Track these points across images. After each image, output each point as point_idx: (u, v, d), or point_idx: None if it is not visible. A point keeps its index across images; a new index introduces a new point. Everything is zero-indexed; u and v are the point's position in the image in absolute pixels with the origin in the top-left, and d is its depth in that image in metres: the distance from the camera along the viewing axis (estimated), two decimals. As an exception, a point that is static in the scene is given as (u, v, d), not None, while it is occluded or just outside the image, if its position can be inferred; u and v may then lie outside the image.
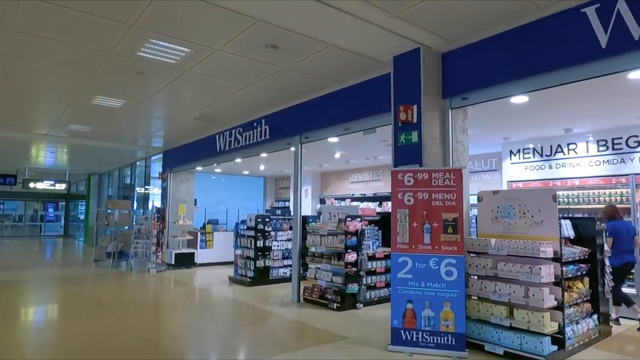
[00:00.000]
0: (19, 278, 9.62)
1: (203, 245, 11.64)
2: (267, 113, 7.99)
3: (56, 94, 6.98)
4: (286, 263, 9.27)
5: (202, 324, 5.83)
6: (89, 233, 19.14)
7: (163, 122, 9.25)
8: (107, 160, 15.69)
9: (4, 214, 27.94)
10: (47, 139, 10.88)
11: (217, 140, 9.68)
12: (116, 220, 11.28)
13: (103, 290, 8.42)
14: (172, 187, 12.23)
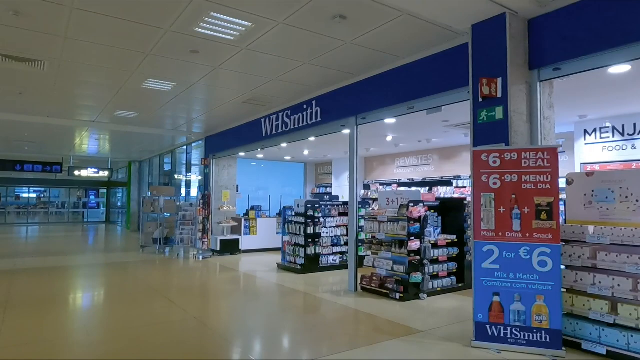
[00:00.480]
0: (70, 263, 9.78)
1: (247, 232, 11.53)
2: (319, 94, 7.63)
3: (108, 78, 6.85)
4: (335, 250, 9.01)
5: (264, 314, 5.62)
6: (131, 219, 19.54)
7: (208, 107, 9.06)
8: (148, 147, 15.81)
9: (49, 201, 28.99)
10: (93, 126, 10.93)
11: (262, 125, 9.42)
12: (161, 207, 11.29)
13: (154, 275, 8.40)
14: (215, 173, 12.13)
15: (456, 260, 6.87)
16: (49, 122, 10.30)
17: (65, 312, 5.63)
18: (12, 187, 27.60)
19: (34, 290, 6.86)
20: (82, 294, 6.90)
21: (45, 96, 8.11)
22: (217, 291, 7.06)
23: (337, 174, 13.35)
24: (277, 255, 10.90)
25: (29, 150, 16.30)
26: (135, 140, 14.00)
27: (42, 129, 11.54)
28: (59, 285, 7.54)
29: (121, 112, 9.44)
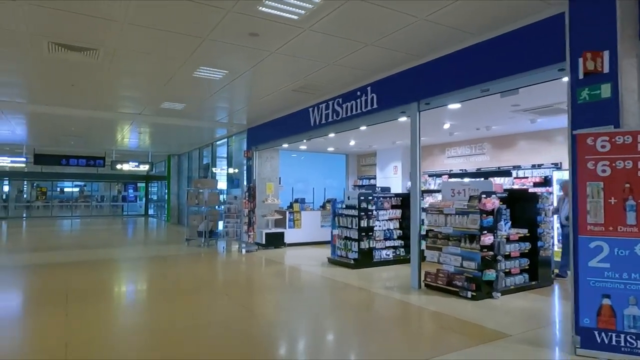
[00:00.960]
0: (120, 256, 9.81)
1: (291, 225, 11.29)
2: (375, 79, 7.20)
3: (160, 67, 6.66)
4: (388, 244, 8.61)
5: (329, 311, 5.31)
6: (171, 212, 19.75)
7: (254, 97, 8.79)
8: (187, 140, 15.80)
9: (91, 195, 29.85)
10: (139, 119, 10.90)
11: (310, 114, 9.08)
12: (206, 200, 11.19)
13: (204, 269, 8.27)
14: (258, 166, 11.93)
15: (528, 256, 6.35)
16: (96, 116, 10.33)
17: (126, 307, 5.50)
18: (56, 182, 28.53)
19: (91, 284, 6.81)
20: (139, 288, 6.80)
21: (96, 88, 8.05)
22: (273, 286, 6.82)
23: (382, 165, 12.90)
24: (323, 249, 10.61)
25: (74, 145, 16.63)
26: (175, 133, 13.99)
27: (88, 122, 11.63)
28: (114, 278, 7.50)
29: (168, 103, 9.31)
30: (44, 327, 4.53)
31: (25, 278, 7.37)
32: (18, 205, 27.22)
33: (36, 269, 8.05)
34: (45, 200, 28.52)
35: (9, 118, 10.91)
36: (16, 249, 11.02)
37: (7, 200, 26.23)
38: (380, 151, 12.88)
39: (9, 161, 16.05)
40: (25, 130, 13.18)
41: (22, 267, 8.20)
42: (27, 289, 6.58)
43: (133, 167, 18.26)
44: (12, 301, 5.78)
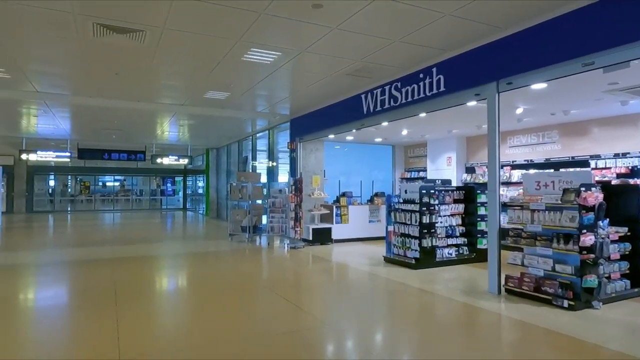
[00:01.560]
0: (163, 252, 9.51)
1: (338, 220, 10.69)
2: (442, 59, 6.44)
3: (209, 50, 6.17)
4: (450, 242, 7.86)
5: (399, 319, 4.66)
6: (210, 206, 19.60)
7: (303, 83, 8.20)
8: (227, 133, 15.47)
9: (131, 189, 30.37)
10: (181, 110, 10.55)
11: (363, 101, 8.40)
12: (250, 194, 10.75)
13: (252, 267, 7.80)
14: (302, 158, 11.38)
15: (628, 259, 5.46)
16: (139, 107, 10.05)
17: (179, 311, 5.06)
18: (99, 176, 29.16)
19: (140, 282, 6.46)
20: (189, 287, 6.38)
21: (140, 77, 7.68)
22: (333, 289, 6.23)
23: (433, 157, 12.05)
24: (373, 246, 9.97)
25: (115, 139, 16.66)
26: (215, 126, 13.65)
27: (130, 115, 11.42)
28: (162, 276, 7.15)
29: (212, 93, 8.87)
30: (95, 331, 4.12)
31: (73, 275, 7.12)
32: (63, 199, 28.01)
33: (83, 265, 7.82)
34: (89, 195, 29.22)
35: (53, 112, 10.82)
36: (63, 244, 10.98)
37: (54, 194, 27.00)
38: (432, 141, 12.04)
39: (54, 156, 16.25)
40: (69, 124, 13.19)
41: (70, 263, 8.01)
42: (76, 288, 6.29)
43: (173, 160, 18.18)
44: (61, 299, 5.47)
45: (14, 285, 6.29)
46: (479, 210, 8.00)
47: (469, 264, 7.74)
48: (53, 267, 7.66)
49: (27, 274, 7.16)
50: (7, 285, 6.22)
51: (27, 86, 8.38)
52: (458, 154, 11.30)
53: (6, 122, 12.79)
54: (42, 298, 5.66)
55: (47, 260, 8.33)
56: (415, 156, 13.26)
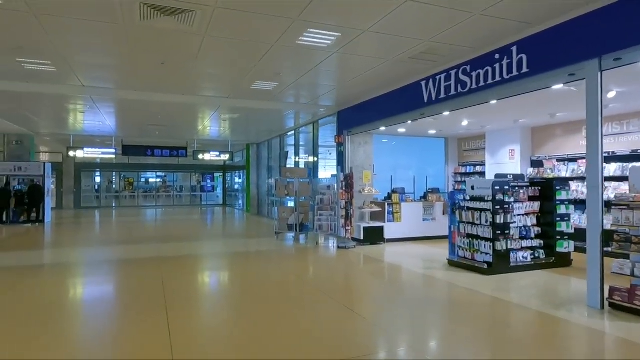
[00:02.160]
0: (209, 251, 9.15)
1: (390, 218, 9.99)
2: (525, 36, 5.61)
3: (262, 32, 5.64)
4: (524, 245, 7.00)
5: (494, 341, 3.93)
6: (250, 203, 19.34)
7: (357, 70, 7.55)
8: (268, 127, 15.04)
9: (172, 185, 30.80)
10: (226, 103, 10.15)
11: (423, 89, 7.64)
12: (296, 190, 10.23)
13: (302, 268, 7.26)
14: (350, 152, 10.74)
15: None
16: (183, 101, 9.72)
17: (228, 311, 4.55)
18: (141, 172, 29.74)
19: (188, 285, 6.04)
20: (237, 288, 5.88)
21: (186, 67, 7.28)
22: (392, 295, 5.54)
23: (493, 150, 11.09)
24: (428, 247, 9.22)
25: (158, 135, 16.64)
26: (257, 120, 13.24)
27: (174, 110, 11.17)
28: (211, 278, 6.72)
29: (260, 83, 8.38)
30: (147, 334, 3.68)
31: (122, 275, 6.83)
32: (108, 196, 28.76)
33: (131, 265, 7.56)
34: (132, 191, 29.87)
35: (99, 107, 10.71)
36: (110, 241, 10.89)
37: (99, 190, 27.74)
38: (491, 133, 11.07)
39: (100, 152, 16.43)
40: (114, 121, 13.15)
41: (118, 262, 7.77)
42: (125, 290, 5.96)
43: (214, 156, 17.99)
44: (111, 300, 5.11)
45: (63, 284, 6.04)
46: (558, 208, 7.08)
47: (547, 270, 6.86)
48: (102, 266, 7.43)
49: (77, 273, 6.94)
50: (57, 284, 5.97)
51: (73, 80, 8.19)
52: (523, 146, 10.29)
53: (55, 119, 12.91)
54: (92, 299, 5.34)
55: (95, 259, 8.15)
56: (471, 149, 12.31)
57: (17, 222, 14.23)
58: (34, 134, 15.83)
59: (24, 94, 8.78)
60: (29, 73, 7.60)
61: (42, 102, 10.13)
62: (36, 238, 11.22)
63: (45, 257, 8.36)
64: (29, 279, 6.29)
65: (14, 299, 5.18)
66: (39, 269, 7.03)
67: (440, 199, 10.70)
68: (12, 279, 6.22)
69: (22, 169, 14.93)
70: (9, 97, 9.29)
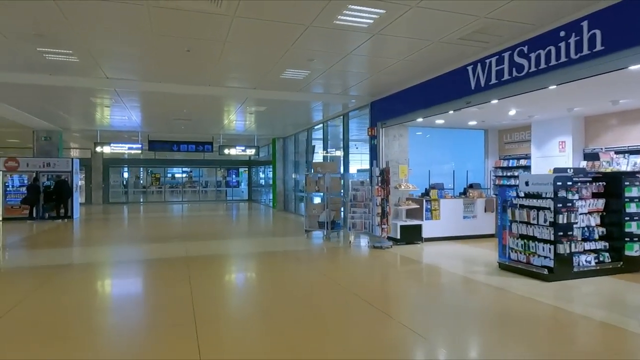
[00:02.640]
0: (239, 250, 8.72)
1: (428, 216, 9.32)
2: (598, 9, 4.86)
3: (298, 11, 5.08)
4: (587, 247, 6.25)
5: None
6: (277, 198, 18.94)
7: (397, 55, 6.92)
8: (296, 121, 14.53)
9: (198, 180, 30.82)
10: (252, 95, 9.67)
11: (470, 74, 6.94)
12: (327, 186, 9.68)
13: (337, 270, 6.71)
14: (384, 145, 10.10)
15: None
16: (209, 93, 9.30)
17: (262, 320, 4.04)
18: (168, 168, 29.85)
19: (219, 294, 5.59)
20: (270, 292, 5.35)
21: (212, 53, 6.82)
22: (441, 303, 4.90)
23: (539, 141, 10.22)
24: (471, 247, 8.53)
25: (184, 130, 16.40)
26: (284, 113, 12.75)
27: (200, 102, 10.79)
28: (242, 284, 6.26)
29: (290, 72, 7.86)
30: (174, 352, 3.23)
31: (150, 277, 6.46)
32: (136, 191, 29.01)
33: (158, 265, 7.20)
34: (159, 186, 30.04)
35: (123, 101, 10.43)
36: (137, 239, 10.64)
37: (127, 186, 27.98)
38: (538, 123, 10.21)
39: (127, 148, 16.31)
40: (139, 115, 12.92)
41: (145, 263, 7.43)
42: (151, 295, 5.56)
43: (240, 151, 17.65)
44: (135, 313, 4.71)
45: (90, 287, 5.70)
46: (627, 206, 6.28)
47: (615, 276, 6.11)
48: (128, 266, 7.10)
49: (103, 274, 6.62)
50: (83, 286, 5.64)
51: (97, 72, 7.87)
52: (575, 137, 9.41)
53: (82, 114, 12.78)
54: (117, 305, 4.96)
55: (122, 258, 7.85)
56: (514, 141, 11.46)
57: (47, 217, 14.24)
58: (62, 129, 15.84)
59: (48, 87, 8.54)
60: (52, 64, 7.31)
61: (67, 97, 9.91)
62: (64, 235, 11.09)
63: (72, 255, 8.12)
64: (57, 278, 5.99)
65: (39, 301, 4.85)
66: (66, 269, 6.74)
67: (481, 195, 9.95)
68: (39, 279, 5.93)
69: (50, 165, 14.94)
70: (35, 91, 9.09)
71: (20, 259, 7.84)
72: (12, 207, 14.52)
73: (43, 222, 13.81)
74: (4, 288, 5.60)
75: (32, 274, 6.46)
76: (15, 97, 9.97)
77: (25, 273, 6.55)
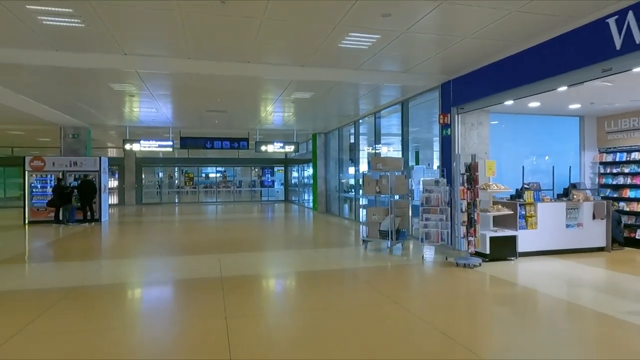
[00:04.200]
0: (280, 269, 7.00)
1: (522, 225, 7.31)
2: None
3: None
4: None
5: None
6: (317, 199, 17.23)
7: (489, 16, 4.99)
8: (342, 112, 12.73)
9: (233, 180, 29.67)
10: (298, 74, 7.96)
11: (612, 29, 4.92)
12: (391, 186, 7.83)
13: (414, 299, 4.84)
14: (460, 136, 8.15)
15: None
16: (247, 74, 7.66)
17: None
18: (202, 167, 28.85)
19: (259, 330, 3.85)
20: (339, 343, 3.63)
21: (255, 10, 5.13)
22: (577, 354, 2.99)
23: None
24: (582, 265, 6.50)
25: (217, 125, 14.96)
26: (331, 101, 10.99)
27: (235, 89, 9.19)
28: (292, 317, 4.49)
29: (354, 37, 6.08)
30: None
31: (173, 311, 4.84)
32: (170, 191, 28.17)
33: (185, 290, 5.61)
34: (193, 186, 29.11)
35: (149, 88, 8.97)
36: (165, 249, 9.15)
37: (160, 186, 27.15)
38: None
39: (157, 145, 15.04)
40: (169, 107, 11.53)
41: (173, 283, 5.86)
42: (177, 339, 3.90)
43: (277, 148, 16.07)
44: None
45: (96, 320, 4.13)
46: None
47: None
48: (151, 290, 5.56)
49: (118, 303, 5.05)
50: (89, 321, 4.07)
51: (112, 46, 6.38)
52: None
53: (108, 107, 11.51)
54: (137, 344, 3.34)
55: (144, 278, 6.33)
56: (619, 130, 9.18)
57: (73, 221, 13.13)
58: (91, 126, 14.75)
59: (57, 70, 7.15)
60: (53, 33, 5.84)
61: (84, 84, 8.54)
62: (83, 243, 9.78)
63: (84, 273, 6.65)
64: (66, 304, 4.47)
65: (31, 341, 3.30)
66: (72, 295, 5.25)
67: (588, 198, 7.82)
68: (36, 309, 4.43)
69: (77, 164, 13.84)
70: (44, 76, 7.75)
71: (19, 278, 6.45)
72: (38, 210, 13.52)
73: (67, 226, 12.68)
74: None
75: (31, 298, 4.99)
76: (31, 88, 8.72)
77: (21, 297, 5.09)
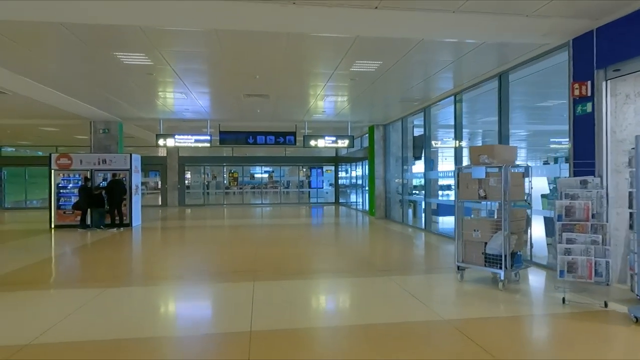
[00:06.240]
0: (339, 318, 4.64)
1: None
2: None
3: None
4: None
5: None
6: (375, 203, 14.75)
7: None
8: (409, 95, 10.22)
9: (279, 180, 27.87)
10: (367, 24, 5.62)
11: None
12: (504, 189, 5.23)
13: None
14: (608, 114, 5.42)
15: None
16: (292, 30, 5.43)
17: None
18: (247, 166, 27.31)
19: None
20: None
21: None
22: None
23: None
24: None
25: (260, 116, 12.94)
26: (395, 79, 8.57)
27: (277, 56, 7.01)
28: None
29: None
30: None
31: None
32: (217, 192, 26.85)
33: (217, 346, 3.43)
34: (238, 187, 27.63)
35: (183, 59, 7.01)
36: (200, 267, 7.12)
37: (204, 186, 25.86)
38: None
39: (193, 140, 13.28)
40: (200, 92, 9.61)
41: (176, 344, 3.71)
42: None
43: (329, 143, 13.81)
44: None
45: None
46: None
47: None
48: (173, 339, 3.42)
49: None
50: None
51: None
52: None
53: (137, 93, 9.81)
54: None
55: (147, 333, 4.24)
56: None
57: (102, 226, 11.63)
58: (122, 120, 13.27)
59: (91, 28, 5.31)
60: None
61: (93, 57, 6.74)
62: (101, 257, 8.00)
63: (103, 300, 4.67)
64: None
65: None
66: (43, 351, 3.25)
67: None
68: None
69: (106, 162, 12.35)
70: (51, 32, 5.98)
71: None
72: (64, 213, 12.17)
73: (94, 231, 11.16)
74: None
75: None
76: (60, 78, 7.07)
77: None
